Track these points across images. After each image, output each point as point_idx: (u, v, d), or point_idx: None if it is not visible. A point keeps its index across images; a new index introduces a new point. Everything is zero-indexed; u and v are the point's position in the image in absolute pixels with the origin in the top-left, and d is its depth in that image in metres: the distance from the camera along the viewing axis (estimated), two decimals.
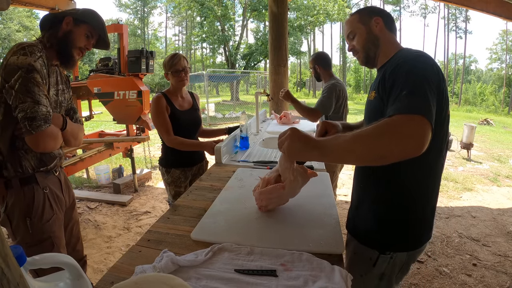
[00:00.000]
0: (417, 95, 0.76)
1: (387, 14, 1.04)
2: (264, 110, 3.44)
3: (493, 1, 3.88)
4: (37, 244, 1.21)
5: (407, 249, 0.97)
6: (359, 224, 1.05)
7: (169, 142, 1.81)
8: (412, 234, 0.96)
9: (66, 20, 1.21)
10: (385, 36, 1.02)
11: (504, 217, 3.23)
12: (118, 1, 34.46)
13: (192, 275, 0.73)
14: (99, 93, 3.48)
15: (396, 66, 0.85)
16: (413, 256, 0.99)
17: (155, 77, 24.92)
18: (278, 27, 3.58)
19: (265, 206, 1.02)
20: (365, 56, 1.05)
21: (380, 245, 0.97)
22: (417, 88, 0.77)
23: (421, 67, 0.82)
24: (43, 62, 1.15)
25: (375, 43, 1.02)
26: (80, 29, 1.24)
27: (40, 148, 1.17)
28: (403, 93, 0.77)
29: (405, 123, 0.72)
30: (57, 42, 1.21)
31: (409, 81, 0.79)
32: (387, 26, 1.02)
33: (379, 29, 1.01)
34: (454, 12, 29.21)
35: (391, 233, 0.96)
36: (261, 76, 14.37)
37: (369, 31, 1.02)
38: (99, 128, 7.15)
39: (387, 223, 0.96)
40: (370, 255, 0.98)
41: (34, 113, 1.08)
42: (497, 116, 16.59)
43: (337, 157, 0.81)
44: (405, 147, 0.71)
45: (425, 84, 0.77)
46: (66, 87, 1.39)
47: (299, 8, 18.71)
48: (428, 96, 0.76)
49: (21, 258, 0.47)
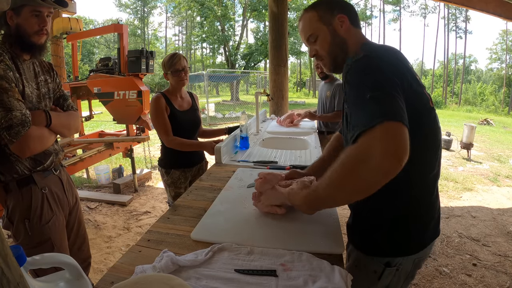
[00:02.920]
0: (376, 98, 0.66)
1: (350, 8, 0.89)
2: (264, 110, 3.44)
3: (493, 1, 3.88)
4: (36, 246, 1.21)
5: (413, 252, 0.88)
6: (361, 233, 0.94)
7: (169, 143, 1.81)
8: (416, 236, 0.88)
9: (8, 16, 1.14)
10: (352, 36, 0.87)
11: (504, 217, 3.22)
12: (118, 1, 34.46)
13: (192, 275, 0.73)
14: (99, 93, 3.47)
15: (344, 75, 0.77)
16: (418, 263, 0.92)
17: (155, 77, 24.90)
18: (278, 27, 3.58)
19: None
20: (332, 64, 0.91)
21: (384, 253, 0.89)
22: (375, 89, 0.68)
23: (370, 66, 0.73)
24: (6, 65, 1.09)
25: (343, 48, 0.87)
26: (25, 15, 1.14)
27: (27, 153, 1.14)
28: (359, 100, 0.69)
29: (371, 142, 0.62)
30: (14, 39, 1.15)
31: (365, 84, 0.70)
32: (353, 22, 0.88)
33: (345, 29, 0.86)
34: (454, 12, 29.21)
35: (394, 239, 0.88)
36: (261, 76, 14.37)
37: (334, 33, 0.87)
38: (99, 128, 7.15)
39: (390, 228, 0.88)
40: (375, 268, 0.89)
41: (9, 121, 1.04)
42: (497, 116, 16.59)
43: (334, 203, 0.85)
44: (379, 168, 0.61)
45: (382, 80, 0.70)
46: (49, 76, 1.33)
47: (299, 8, 18.71)
48: (391, 92, 0.67)
49: (21, 258, 0.48)
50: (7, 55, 1.12)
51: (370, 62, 0.75)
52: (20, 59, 1.19)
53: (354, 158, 0.65)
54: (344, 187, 0.69)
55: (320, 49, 0.90)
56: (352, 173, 0.65)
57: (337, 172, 0.68)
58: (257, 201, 1.03)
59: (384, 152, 0.60)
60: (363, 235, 0.93)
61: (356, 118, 0.68)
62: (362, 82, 0.71)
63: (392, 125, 0.62)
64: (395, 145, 0.61)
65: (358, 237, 0.95)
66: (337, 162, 0.69)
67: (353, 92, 0.73)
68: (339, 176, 0.68)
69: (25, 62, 1.22)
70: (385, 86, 0.69)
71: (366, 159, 0.62)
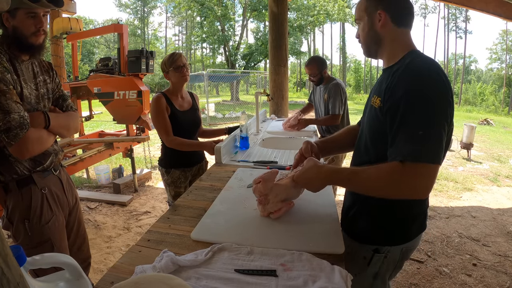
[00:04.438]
0: (429, 139, 0.74)
1: (396, 6, 0.89)
2: (264, 110, 3.44)
3: (493, 1, 3.88)
4: (36, 247, 1.21)
5: (401, 242, 0.96)
6: (352, 221, 1.03)
7: (169, 142, 1.81)
8: (403, 227, 0.95)
9: (4, 18, 1.13)
10: (390, 34, 0.90)
11: (504, 217, 3.22)
12: (118, 1, 34.47)
13: (192, 275, 0.73)
14: (99, 93, 3.47)
15: (405, 90, 0.78)
16: (406, 253, 0.98)
17: (155, 77, 24.90)
18: (278, 27, 3.58)
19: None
20: (366, 51, 0.98)
21: (372, 241, 0.96)
22: (430, 128, 0.74)
23: (433, 95, 0.76)
24: (3, 67, 1.08)
25: (377, 42, 0.92)
26: (20, 18, 1.13)
27: (26, 155, 1.14)
28: (417, 133, 0.74)
29: (411, 177, 0.73)
30: (12, 41, 1.15)
31: (421, 117, 0.75)
32: (395, 21, 0.89)
33: (382, 25, 0.89)
34: (454, 12, 29.22)
35: (383, 228, 0.96)
36: (261, 76, 14.36)
37: (371, 25, 0.91)
38: (99, 128, 7.15)
39: (379, 217, 0.96)
40: (364, 254, 0.97)
41: (7, 124, 1.04)
42: (497, 116, 16.59)
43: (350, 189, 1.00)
44: (408, 196, 0.77)
45: (439, 120, 0.75)
46: (48, 76, 1.32)
47: (299, 8, 18.72)
48: (441, 136, 0.75)
49: (21, 258, 0.48)
50: (5, 57, 1.12)
51: (431, 86, 0.77)
52: (19, 59, 1.19)
53: (388, 181, 0.77)
54: (368, 191, 0.85)
55: (360, 34, 0.96)
56: (383, 189, 0.79)
57: (370, 180, 0.81)
58: (265, 203, 0.98)
59: (414, 191, 0.75)
60: (353, 222, 1.02)
61: (403, 143, 0.76)
62: (420, 110, 0.76)
63: (431, 168, 0.73)
64: (426, 186, 0.75)
65: (349, 225, 1.04)
66: (375, 170, 0.79)
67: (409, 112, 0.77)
68: (371, 183, 0.81)
69: (24, 63, 1.21)
70: (439, 123, 0.75)
71: (397, 187, 0.76)
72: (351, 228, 1.03)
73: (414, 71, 0.81)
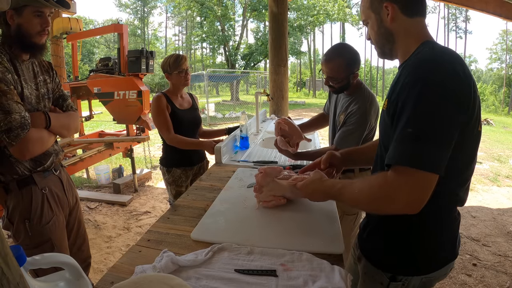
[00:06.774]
0: (424, 140, 0.63)
1: None
2: (264, 110, 3.44)
3: (493, 1, 3.88)
4: (36, 247, 1.21)
5: (421, 272, 0.82)
6: (366, 241, 0.92)
7: (170, 140, 1.82)
8: (424, 255, 0.82)
9: (9, 15, 1.12)
10: (401, 28, 0.79)
11: (504, 217, 3.22)
12: (118, 1, 34.47)
13: (192, 275, 0.73)
14: (99, 93, 3.48)
15: (405, 82, 0.69)
16: (429, 282, 0.85)
17: (155, 77, 24.90)
18: (278, 27, 3.58)
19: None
20: (380, 52, 0.87)
21: (386, 268, 0.84)
22: (427, 127, 0.63)
23: (437, 83, 0.64)
24: (4, 67, 1.08)
25: (389, 39, 0.82)
26: (27, 16, 1.12)
27: (27, 156, 1.14)
28: (407, 131, 0.64)
29: (400, 185, 0.64)
30: (15, 39, 1.14)
31: (417, 114, 0.64)
32: (405, 10, 0.78)
33: (391, 19, 0.78)
34: (454, 12, 29.22)
35: (395, 255, 0.84)
36: (261, 76, 14.36)
37: (380, 23, 0.81)
38: (99, 128, 7.14)
39: (395, 242, 0.83)
40: (381, 279, 0.85)
41: (8, 124, 1.03)
42: (497, 116, 16.58)
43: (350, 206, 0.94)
44: (399, 210, 0.67)
45: (443, 114, 0.64)
46: (49, 76, 1.32)
47: (299, 8, 18.71)
48: (443, 135, 0.63)
49: (21, 258, 0.48)
50: (6, 57, 1.11)
51: (435, 73, 0.66)
52: (19, 59, 1.18)
53: (381, 192, 0.69)
54: (364, 207, 0.83)
55: (370, 34, 0.87)
56: (375, 202, 0.72)
57: (363, 194, 0.74)
58: (259, 192, 1.06)
59: (409, 202, 0.65)
60: (367, 243, 0.92)
61: (392, 144, 0.68)
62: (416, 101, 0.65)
63: (427, 176, 0.63)
64: (421, 197, 0.64)
65: (364, 244, 0.93)
66: (367, 182, 0.74)
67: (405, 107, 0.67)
68: (364, 198, 0.74)
69: (24, 63, 1.21)
70: (441, 119, 0.64)
71: (390, 199, 0.67)
72: (365, 248, 0.92)
73: (419, 60, 0.71)
